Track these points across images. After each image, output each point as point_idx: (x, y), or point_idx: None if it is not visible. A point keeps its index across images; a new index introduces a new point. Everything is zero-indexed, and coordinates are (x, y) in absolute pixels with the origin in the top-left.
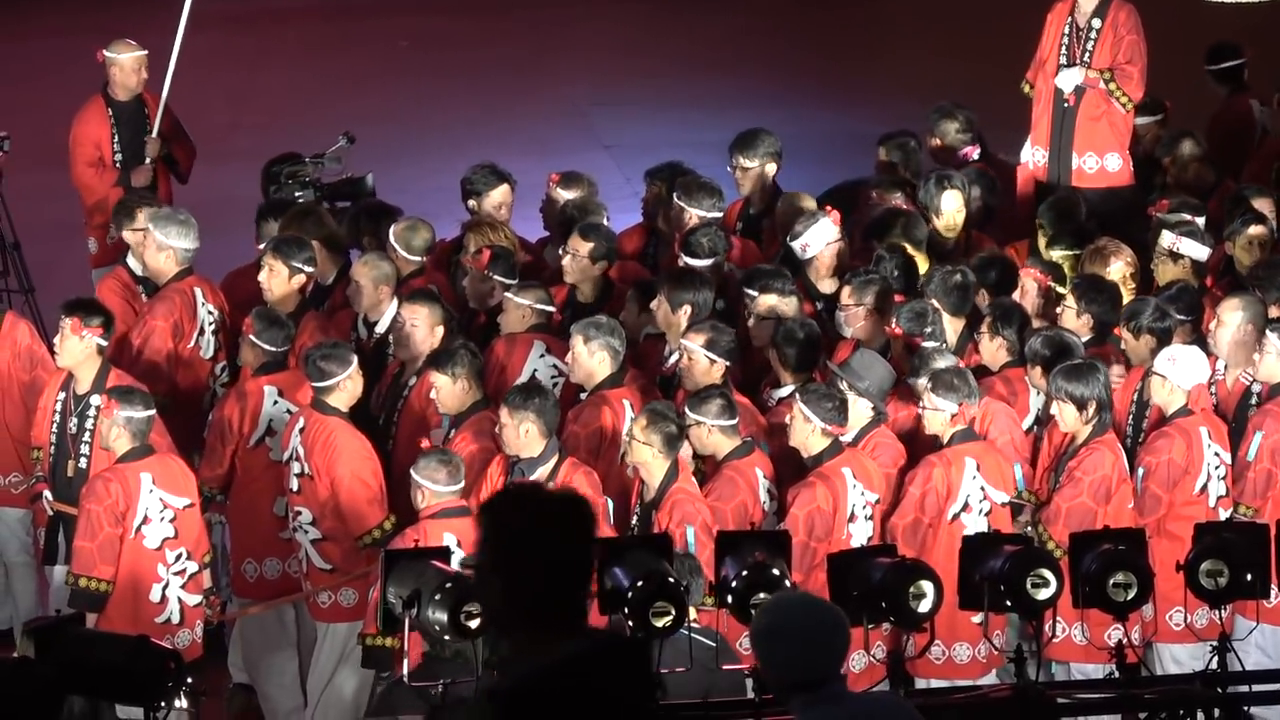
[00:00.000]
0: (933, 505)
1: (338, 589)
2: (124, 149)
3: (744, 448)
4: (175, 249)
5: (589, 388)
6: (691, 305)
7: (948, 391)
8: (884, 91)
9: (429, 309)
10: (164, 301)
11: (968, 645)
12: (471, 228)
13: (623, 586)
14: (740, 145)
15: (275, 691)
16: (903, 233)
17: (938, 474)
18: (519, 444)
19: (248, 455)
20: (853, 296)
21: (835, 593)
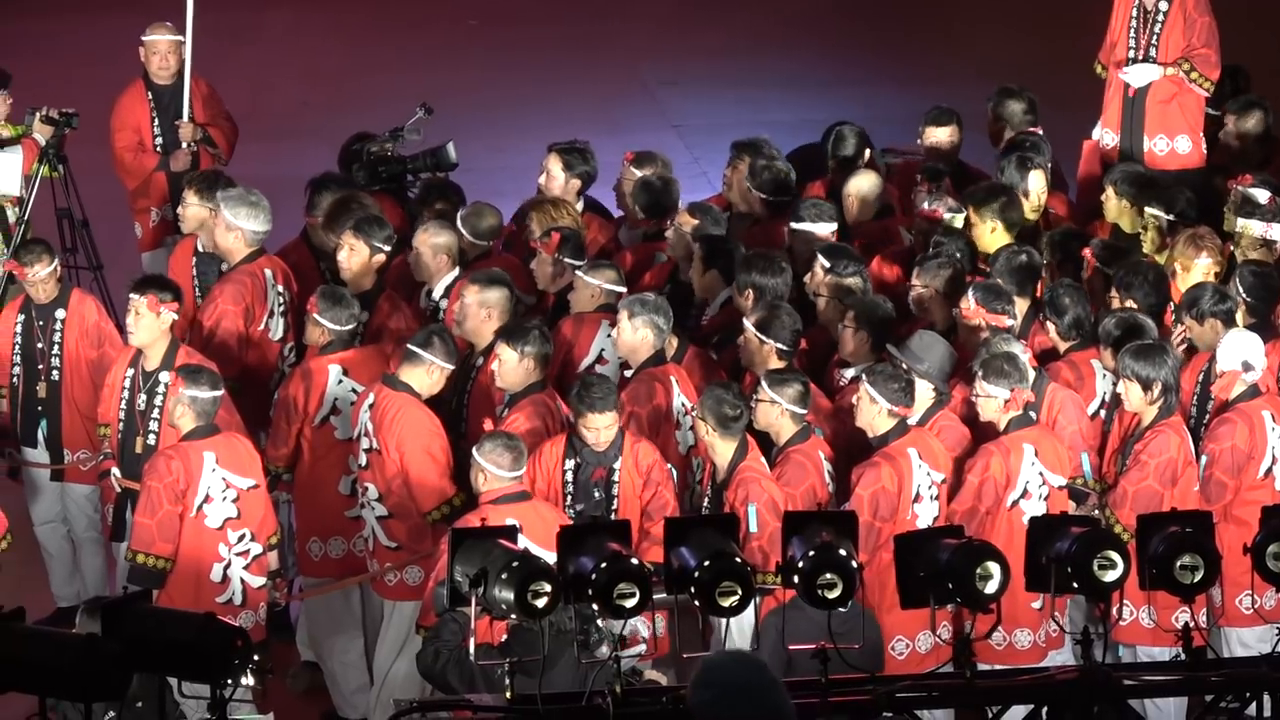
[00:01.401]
0: (990, 494)
1: (403, 567)
2: (164, 133)
3: (804, 432)
4: (244, 230)
5: (634, 363)
6: (754, 289)
7: (998, 378)
8: (955, 70)
9: (496, 293)
10: (234, 284)
11: (1028, 630)
12: (534, 207)
13: (689, 566)
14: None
15: (340, 670)
16: (1000, 211)
17: (995, 463)
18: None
19: (313, 434)
20: (921, 278)
21: (901, 573)
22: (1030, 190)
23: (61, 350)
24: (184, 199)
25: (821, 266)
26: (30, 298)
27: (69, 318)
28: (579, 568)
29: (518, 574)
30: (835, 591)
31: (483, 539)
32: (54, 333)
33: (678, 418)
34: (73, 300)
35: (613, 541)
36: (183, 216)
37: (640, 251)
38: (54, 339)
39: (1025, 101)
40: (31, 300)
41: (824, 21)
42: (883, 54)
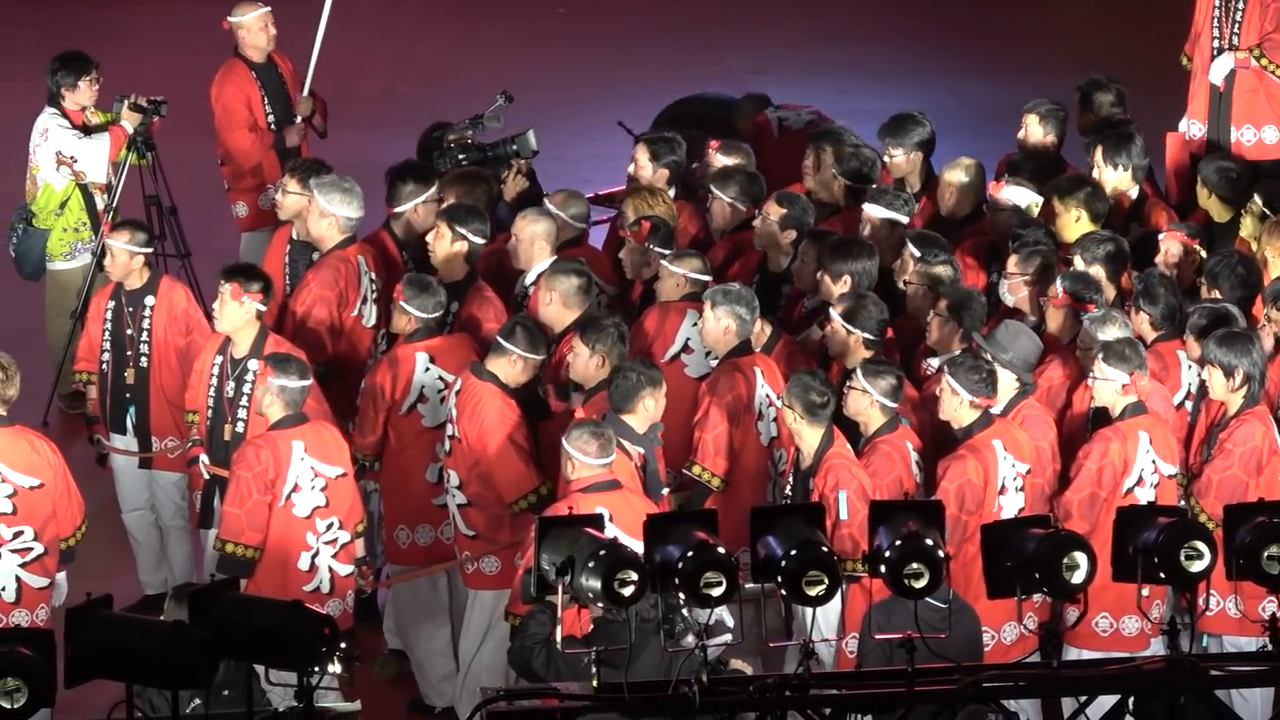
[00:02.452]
0: (1109, 480)
1: (480, 557)
2: (274, 109)
3: (892, 423)
4: (338, 216)
5: (718, 354)
6: (851, 276)
7: (1119, 361)
8: (1043, 61)
9: (566, 281)
10: (328, 270)
11: (1135, 618)
12: (630, 195)
13: (775, 555)
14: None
15: (427, 658)
16: (1084, 202)
17: (1114, 448)
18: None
19: (400, 422)
20: (1019, 266)
21: (988, 563)
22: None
23: (150, 337)
24: (283, 186)
25: (911, 254)
26: (121, 284)
27: (158, 304)
28: (666, 556)
29: (604, 562)
30: (922, 581)
31: (570, 527)
32: (143, 319)
33: (760, 409)
34: (162, 287)
35: (699, 530)
36: (280, 204)
37: (730, 242)
38: (143, 325)
39: (1114, 93)
40: (123, 286)
41: (913, 10)
42: (972, 43)
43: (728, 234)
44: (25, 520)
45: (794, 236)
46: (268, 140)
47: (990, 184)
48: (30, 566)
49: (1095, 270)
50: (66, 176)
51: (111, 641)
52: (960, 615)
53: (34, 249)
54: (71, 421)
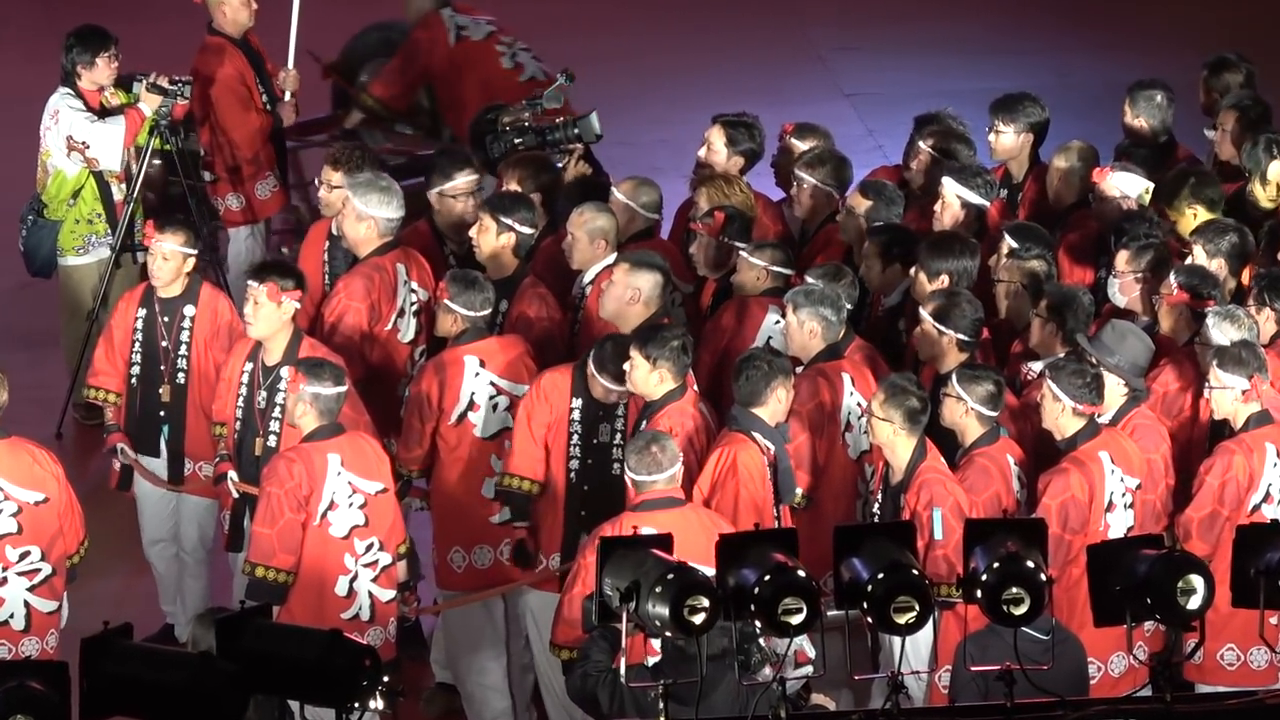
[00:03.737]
0: (1232, 496)
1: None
2: (265, 88)
3: (992, 434)
4: (377, 219)
5: (804, 360)
6: (950, 274)
7: (1236, 366)
8: (1154, 38)
9: (648, 277)
10: (361, 279)
11: (1263, 649)
12: (704, 182)
13: (862, 579)
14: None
15: (479, 692)
16: (1192, 193)
17: (1239, 462)
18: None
19: (449, 433)
20: (1131, 263)
21: (1095, 587)
22: (1271, 178)
23: (190, 351)
24: (325, 179)
25: (1008, 247)
26: (152, 289)
27: (199, 315)
28: (740, 580)
29: (673, 587)
30: (1022, 607)
31: (635, 548)
32: (181, 331)
33: (849, 419)
34: (204, 296)
35: (777, 551)
36: (324, 200)
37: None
38: (181, 338)
39: (1243, 73)
40: (154, 292)
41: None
42: (1077, 18)
43: (815, 226)
44: (32, 539)
45: None
46: (269, 123)
47: (1095, 171)
48: (39, 590)
49: (1217, 264)
50: (79, 163)
51: (132, 674)
52: (1063, 645)
53: (44, 243)
54: (88, 435)
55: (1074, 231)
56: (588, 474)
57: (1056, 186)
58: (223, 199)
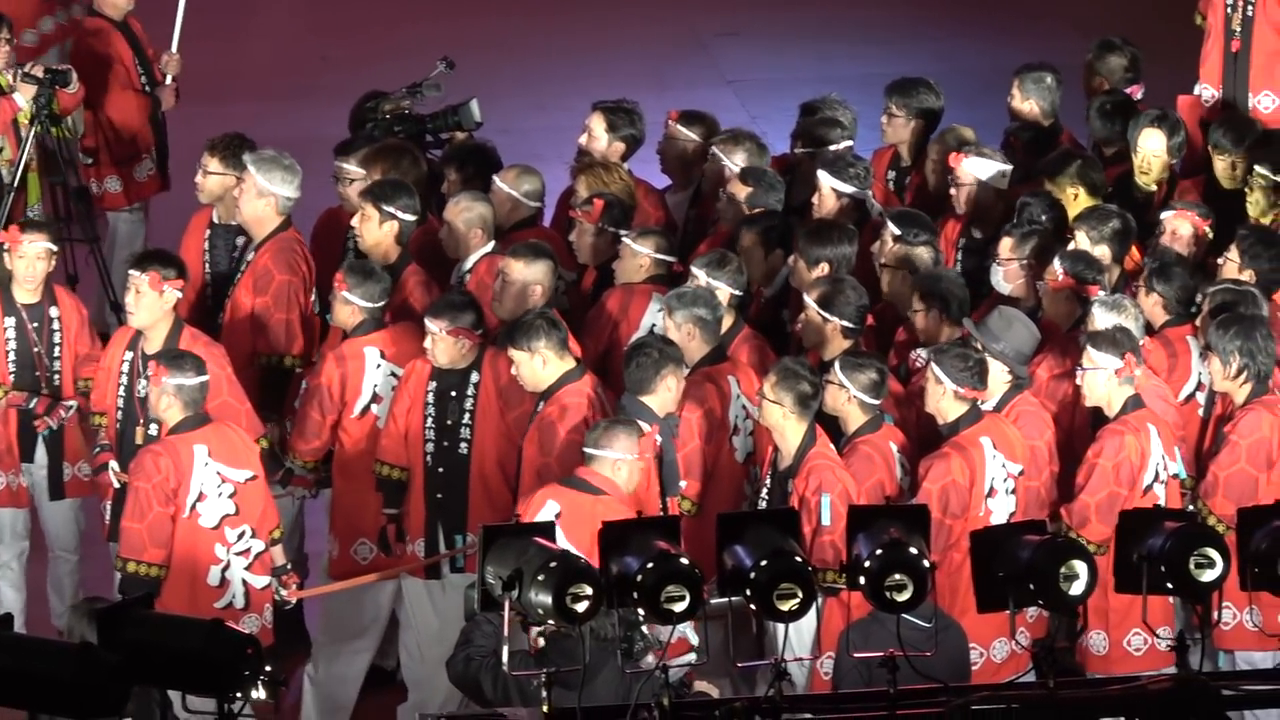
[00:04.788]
0: (1128, 477)
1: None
2: (144, 70)
3: (875, 421)
4: (278, 196)
5: (689, 363)
6: (829, 262)
7: (1110, 346)
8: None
9: (541, 267)
10: (286, 253)
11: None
12: (583, 170)
13: (745, 566)
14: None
15: (328, 681)
16: (1077, 174)
17: (1130, 442)
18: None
19: (353, 426)
20: (1015, 250)
21: (978, 573)
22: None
23: (63, 352)
24: (203, 165)
25: (891, 234)
26: (13, 298)
27: (64, 315)
28: (623, 568)
29: (555, 575)
30: (905, 593)
31: (517, 536)
32: (53, 334)
33: (736, 423)
34: (60, 295)
35: (660, 539)
36: (201, 186)
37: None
38: (53, 340)
39: (1127, 57)
40: (15, 300)
41: None
42: (962, 3)
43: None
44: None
45: None
46: (147, 105)
47: (951, 156)
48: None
49: (1101, 249)
50: None
51: (11, 665)
52: (946, 632)
53: None
54: None
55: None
56: (441, 457)
57: (936, 173)
58: (102, 182)
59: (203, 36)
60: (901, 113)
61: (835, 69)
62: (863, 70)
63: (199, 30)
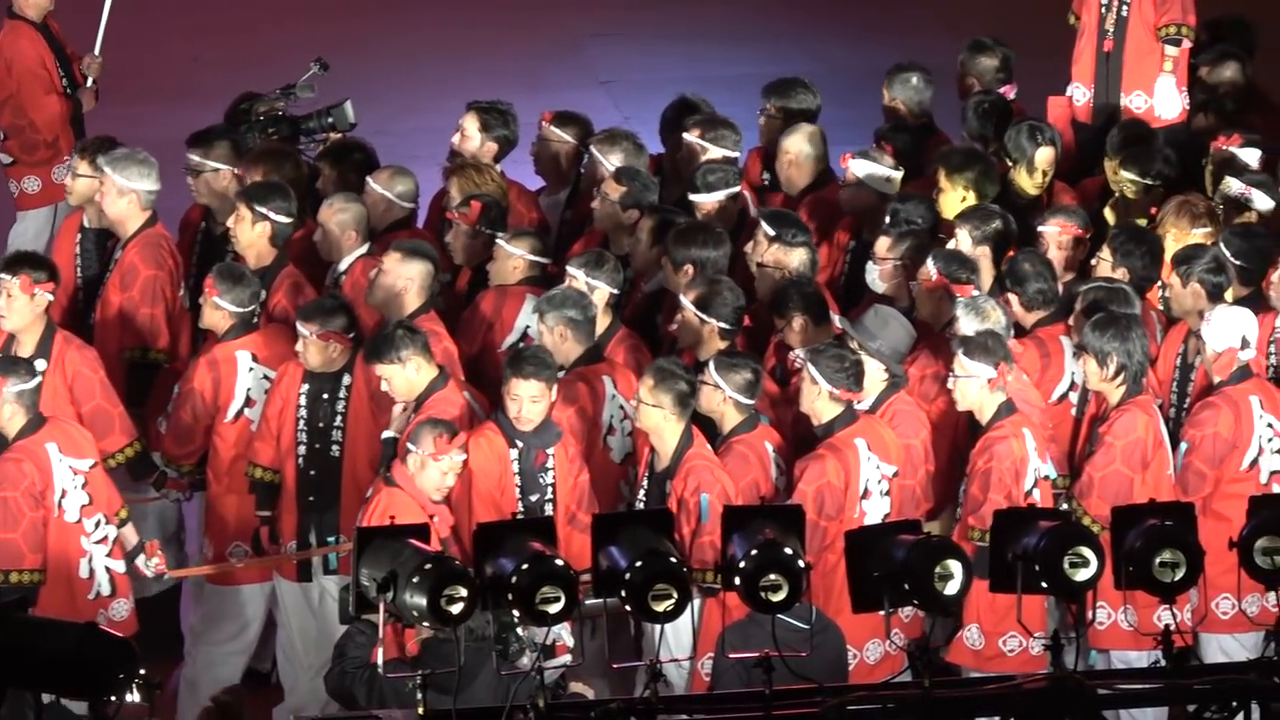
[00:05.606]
0: (1007, 483)
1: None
2: (65, 72)
3: (750, 421)
4: (140, 192)
5: (565, 365)
6: (693, 263)
7: (982, 354)
8: (910, 21)
9: (419, 265)
10: (152, 248)
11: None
12: (456, 171)
13: (620, 567)
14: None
15: (206, 684)
16: (975, 182)
17: (1014, 447)
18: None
19: (227, 430)
20: (891, 250)
21: (853, 573)
22: (1037, 164)
23: None
24: (73, 168)
25: (765, 234)
26: None
27: None
28: (498, 569)
29: (430, 577)
30: (780, 594)
31: (392, 538)
32: None
33: (611, 423)
34: None
35: (534, 540)
36: (70, 189)
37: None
38: None
39: (999, 57)
40: None
41: None
42: (834, 3)
43: None
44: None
45: (636, 217)
46: (68, 106)
47: (843, 157)
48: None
49: (980, 250)
50: None
51: None
52: (822, 633)
53: None
54: None
55: (811, 216)
56: (314, 460)
57: (788, 172)
58: (19, 182)
59: (74, 39)
60: (778, 113)
61: (707, 69)
62: (736, 70)
63: (70, 32)
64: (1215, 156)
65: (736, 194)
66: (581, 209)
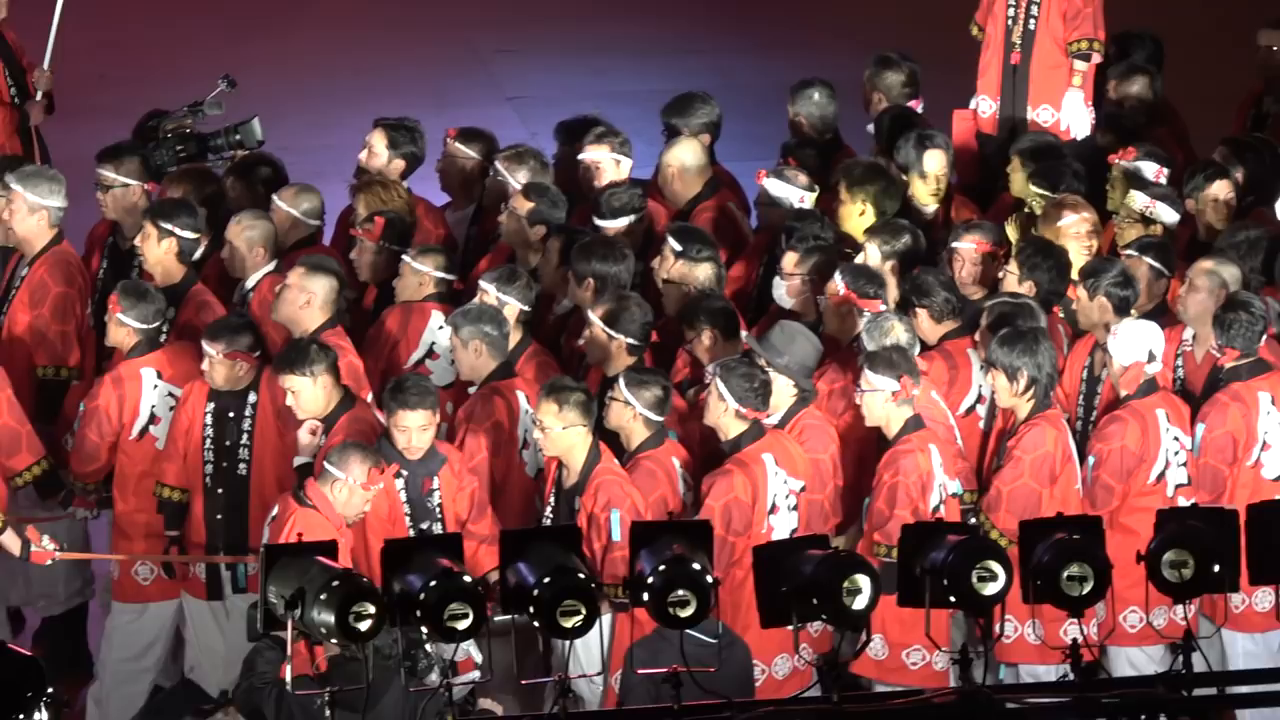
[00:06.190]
0: (913, 498)
1: None
2: (14, 82)
3: (657, 437)
4: (50, 209)
5: (477, 380)
6: (595, 278)
7: (886, 368)
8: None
9: (323, 281)
10: (61, 265)
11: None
12: (362, 188)
13: (528, 583)
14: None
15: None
16: (875, 197)
17: (919, 461)
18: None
19: (131, 448)
20: (799, 266)
21: (761, 588)
22: (927, 171)
23: None
24: None
25: (672, 250)
26: None
27: None
28: (406, 586)
29: (338, 594)
30: (688, 609)
31: (299, 555)
32: None
33: (525, 437)
34: None
35: (442, 557)
36: None
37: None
38: None
39: (905, 73)
40: None
41: None
42: (739, 18)
43: None
44: None
45: (543, 233)
46: (15, 117)
47: (757, 174)
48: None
49: (888, 265)
50: None
51: None
52: (730, 648)
53: None
54: None
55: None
56: (221, 478)
57: (672, 186)
58: None
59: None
60: (685, 131)
61: (614, 84)
62: (642, 86)
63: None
64: (1117, 171)
65: (641, 216)
66: (486, 225)
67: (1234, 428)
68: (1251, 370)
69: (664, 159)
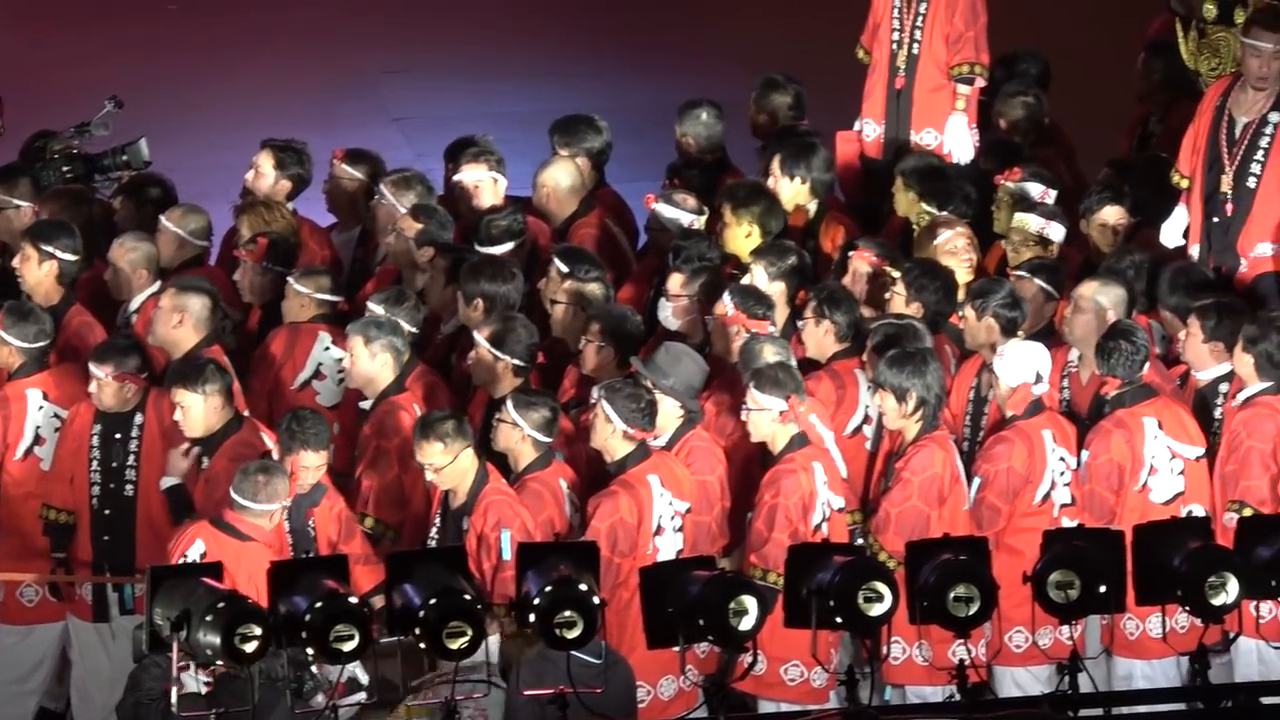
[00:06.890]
0: (793, 520)
1: None
2: None
3: (545, 458)
4: None
5: (371, 393)
6: (483, 298)
7: (773, 387)
8: (708, 58)
9: (196, 300)
10: None
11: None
12: (246, 209)
13: (414, 605)
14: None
15: None
16: (759, 217)
17: (801, 481)
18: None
19: (15, 468)
20: (685, 287)
21: (647, 609)
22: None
23: None
24: None
25: (559, 270)
26: None
27: None
28: (291, 608)
29: (224, 616)
30: (575, 630)
31: (185, 578)
32: None
33: None
34: None
35: (328, 578)
36: None
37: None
38: None
39: (791, 95)
40: None
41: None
42: (626, 40)
43: None
44: None
45: (431, 254)
46: None
47: (646, 198)
48: None
49: (776, 286)
50: None
51: None
52: (614, 668)
53: None
54: None
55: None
56: (107, 500)
57: (548, 205)
58: None
59: None
60: (565, 151)
61: (501, 105)
62: (529, 107)
63: None
64: (1003, 192)
65: (523, 241)
66: (371, 247)
67: (1119, 455)
68: (1134, 397)
69: (538, 179)
